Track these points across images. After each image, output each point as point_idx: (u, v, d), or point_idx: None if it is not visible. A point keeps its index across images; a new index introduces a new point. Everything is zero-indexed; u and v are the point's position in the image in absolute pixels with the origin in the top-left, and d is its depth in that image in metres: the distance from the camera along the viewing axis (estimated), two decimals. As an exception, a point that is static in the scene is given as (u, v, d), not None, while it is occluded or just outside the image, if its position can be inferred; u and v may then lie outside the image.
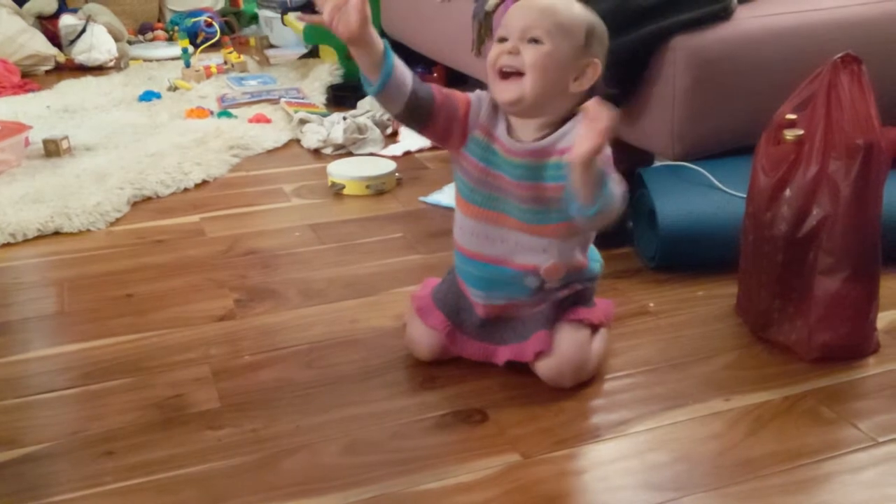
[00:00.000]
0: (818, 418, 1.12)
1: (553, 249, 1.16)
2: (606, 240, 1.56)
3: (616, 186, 1.08)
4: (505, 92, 1.12)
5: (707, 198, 1.48)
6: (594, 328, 1.21)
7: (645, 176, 1.54)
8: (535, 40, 1.09)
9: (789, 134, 1.22)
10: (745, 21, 1.59)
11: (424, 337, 1.24)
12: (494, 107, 1.16)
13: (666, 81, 1.57)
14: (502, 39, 1.13)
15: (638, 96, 1.63)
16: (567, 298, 1.19)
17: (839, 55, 1.19)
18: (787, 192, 1.22)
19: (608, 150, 1.09)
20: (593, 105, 1.01)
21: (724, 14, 1.57)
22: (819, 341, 1.22)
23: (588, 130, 1.01)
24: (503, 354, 1.20)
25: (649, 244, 1.53)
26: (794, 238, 1.22)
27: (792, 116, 1.24)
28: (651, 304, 1.41)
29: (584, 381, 1.19)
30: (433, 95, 1.13)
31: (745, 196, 1.31)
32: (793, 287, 1.24)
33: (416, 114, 1.13)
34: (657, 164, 1.67)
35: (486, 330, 1.21)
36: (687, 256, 1.49)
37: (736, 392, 1.17)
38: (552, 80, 1.10)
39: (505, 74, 1.12)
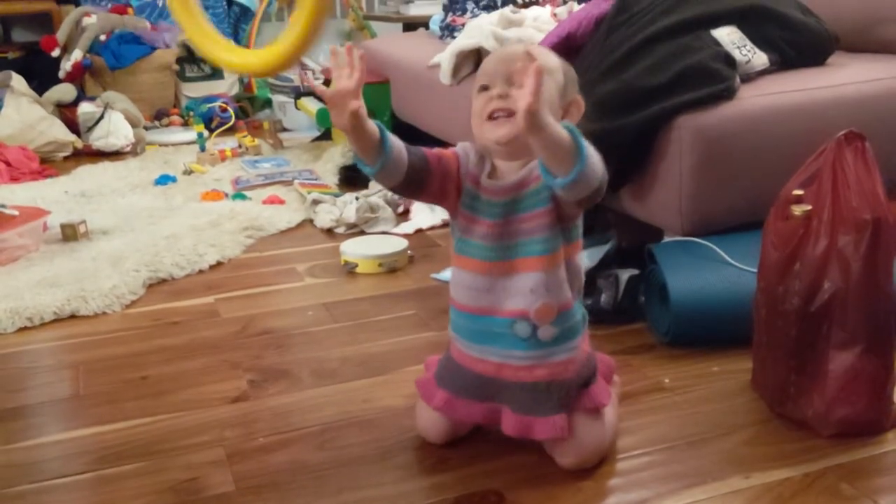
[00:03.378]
0: (839, 495, 1.10)
1: (540, 287, 1.13)
2: (619, 315, 1.57)
3: (592, 151, 1.03)
4: (499, 128, 1.11)
5: (718, 273, 1.49)
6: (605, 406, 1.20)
7: (655, 252, 1.55)
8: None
9: (797, 209, 1.23)
10: (747, 100, 1.62)
11: (433, 422, 1.23)
12: (480, 155, 1.17)
13: (672, 159, 1.59)
14: (485, 87, 1.14)
15: (645, 174, 1.66)
16: (578, 381, 1.17)
17: (843, 132, 1.21)
18: (798, 267, 1.22)
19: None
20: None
21: (728, 93, 1.61)
22: (836, 416, 1.21)
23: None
24: (508, 421, 1.17)
25: (662, 320, 1.54)
26: (806, 312, 1.22)
27: (799, 192, 1.25)
28: (666, 380, 1.41)
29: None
30: (427, 160, 1.15)
31: (755, 271, 1.31)
32: (808, 361, 1.23)
33: (413, 183, 1.15)
34: (667, 239, 1.68)
35: (487, 389, 1.19)
36: (700, 332, 1.49)
37: (755, 469, 1.16)
38: None
39: (494, 117, 1.12)
